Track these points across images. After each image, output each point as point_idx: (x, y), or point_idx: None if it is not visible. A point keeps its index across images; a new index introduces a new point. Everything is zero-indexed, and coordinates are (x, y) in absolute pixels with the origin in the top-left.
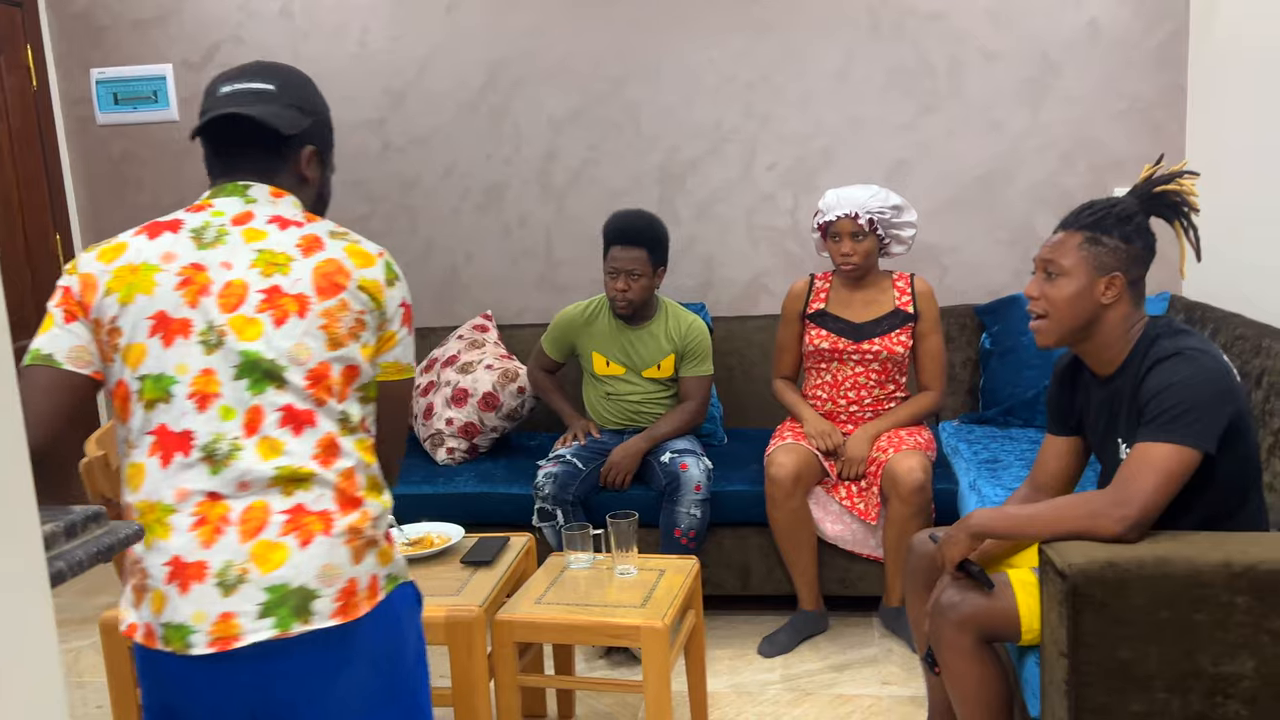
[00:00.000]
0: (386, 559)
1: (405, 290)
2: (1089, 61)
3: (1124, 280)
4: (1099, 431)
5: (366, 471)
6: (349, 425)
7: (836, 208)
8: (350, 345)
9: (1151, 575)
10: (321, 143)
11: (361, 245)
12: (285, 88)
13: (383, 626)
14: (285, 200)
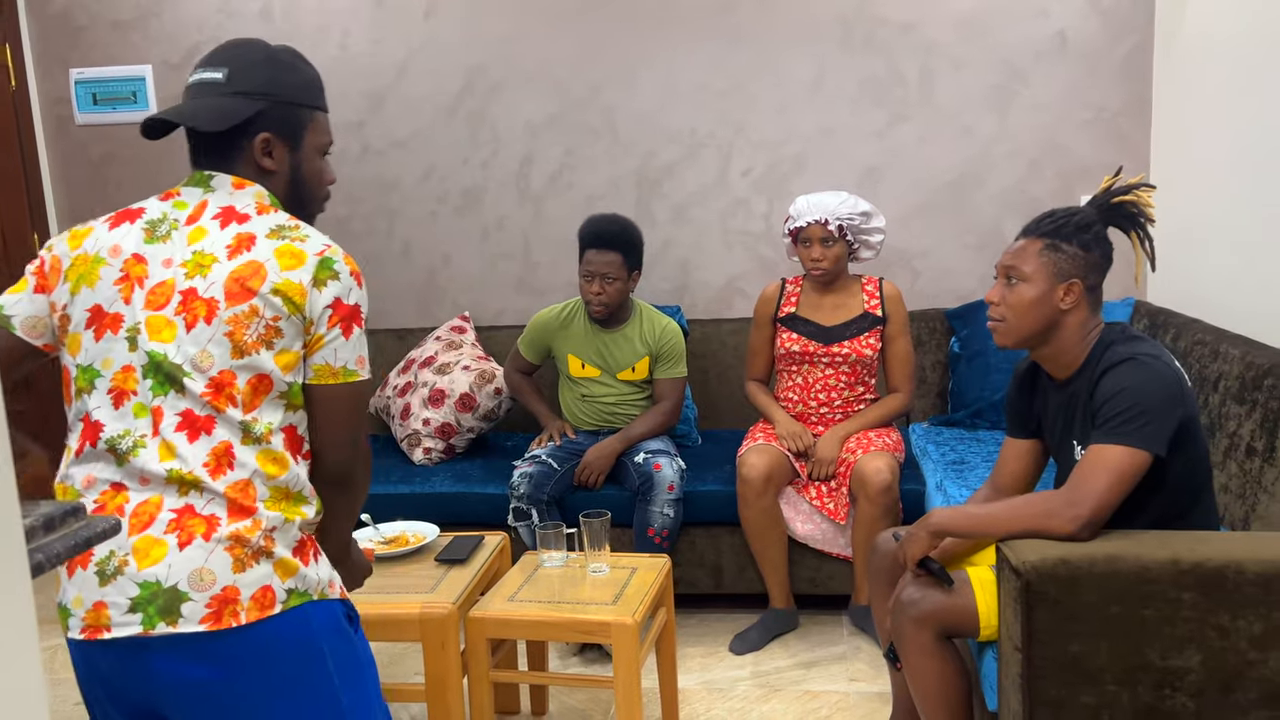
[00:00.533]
0: (288, 572)
1: (344, 289)
2: (1056, 71)
3: (1082, 287)
4: (1056, 434)
5: (270, 483)
6: (252, 435)
7: (807, 214)
8: (259, 354)
9: (1102, 572)
10: (280, 127)
11: (298, 245)
12: (235, 74)
13: (278, 642)
14: (247, 191)
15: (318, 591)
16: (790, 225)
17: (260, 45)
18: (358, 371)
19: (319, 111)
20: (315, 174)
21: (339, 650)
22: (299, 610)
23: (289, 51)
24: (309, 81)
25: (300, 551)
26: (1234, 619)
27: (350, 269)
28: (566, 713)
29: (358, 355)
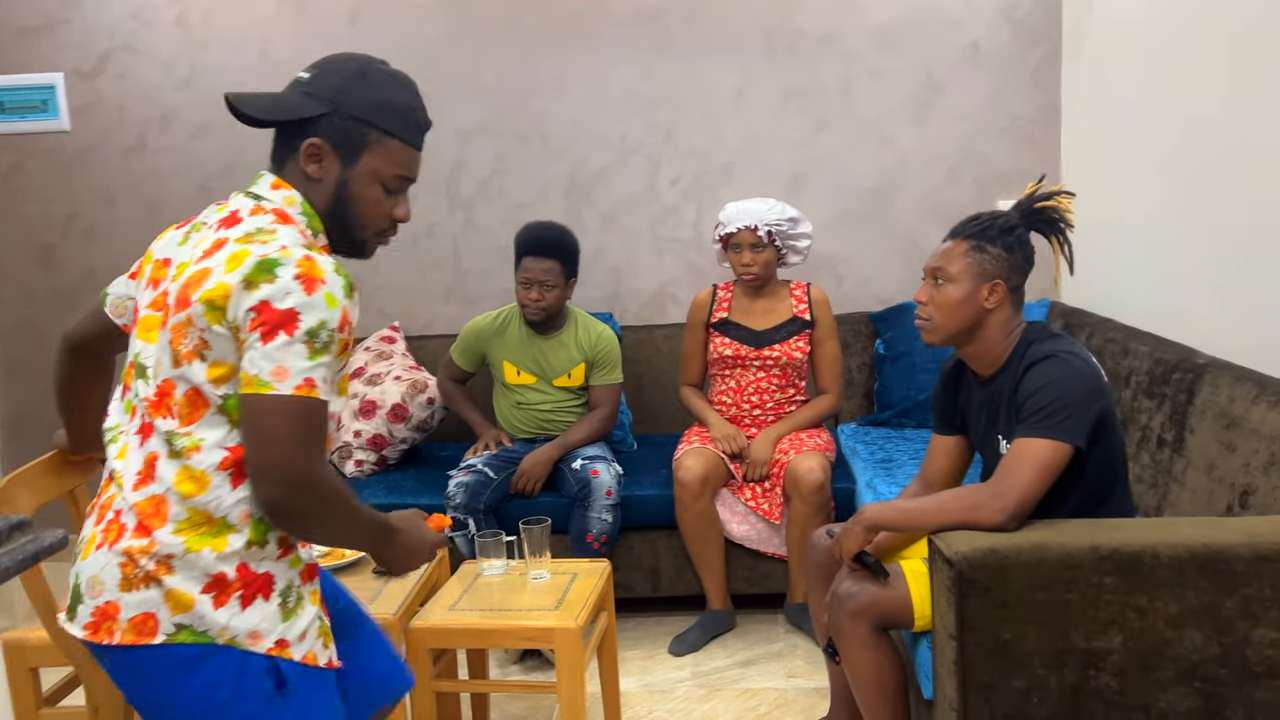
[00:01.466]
0: (180, 607)
1: (277, 291)
2: (972, 81)
3: (1005, 287)
4: (980, 429)
5: (186, 503)
6: (175, 450)
7: (737, 220)
8: (191, 365)
9: (1029, 560)
10: (336, 136)
11: (254, 247)
12: (317, 77)
13: (155, 676)
14: (279, 194)
15: (224, 638)
16: (721, 231)
17: (360, 59)
18: (271, 383)
19: (391, 138)
20: (368, 199)
21: (247, 712)
22: (187, 650)
23: (389, 74)
24: (391, 104)
25: (214, 588)
26: (1151, 601)
27: (299, 273)
28: None
29: (275, 365)
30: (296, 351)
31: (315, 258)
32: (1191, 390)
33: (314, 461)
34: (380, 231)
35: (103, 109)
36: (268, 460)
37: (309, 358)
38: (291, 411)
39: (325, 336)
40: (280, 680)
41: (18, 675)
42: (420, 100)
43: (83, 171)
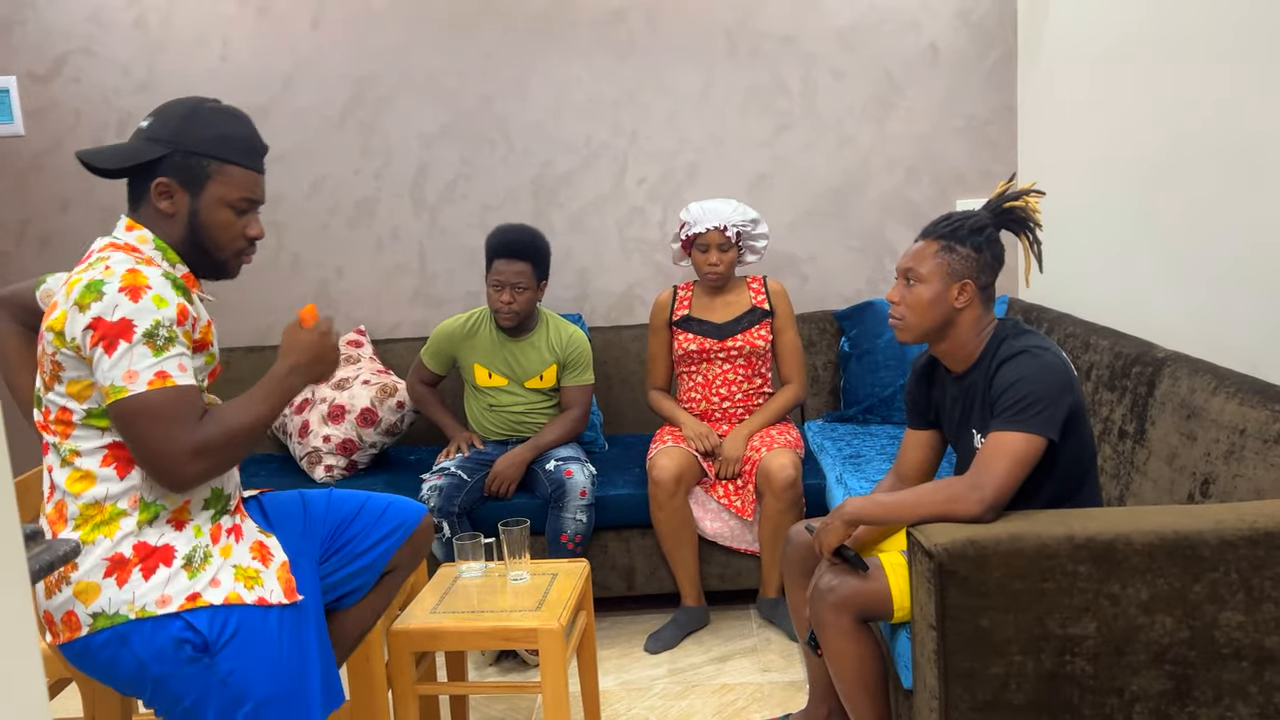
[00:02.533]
0: (91, 596)
1: (107, 307)
2: (930, 82)
3: (974, 286)
4: (954, 424)
5: (78, 501)
6: (62, 458)
7: (704, 220)
8: (55, 389)
9: (1007, 550)
10: (180, 174)
11: (83, 274)
12: (154, 123)
13: (95, 662)
14: (132, 234)
15: (134, 611)
16: (688, 231)
17: (192, 101)
18: (126, 388)
19: (231, 165)
20: (219, 224)
21: (184, 679)
22: (107, 634)
23: (220, 110)
24: (223, 135)
25: (115, 569)
26: (1124, 587)
27: (123, 285)
28: None
29: (126, 370)
30: (140, 353)
31: (139, 268)
32: (1152, 383)
33: (186, 438)
34: (238, 251)
35: (58, 113)
36: (151, 456)
37: (155, 355)
38: (152, 404)
39: (165, 333)
40: (202, 644)
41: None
42: (253, 128)
43: (37, 177)
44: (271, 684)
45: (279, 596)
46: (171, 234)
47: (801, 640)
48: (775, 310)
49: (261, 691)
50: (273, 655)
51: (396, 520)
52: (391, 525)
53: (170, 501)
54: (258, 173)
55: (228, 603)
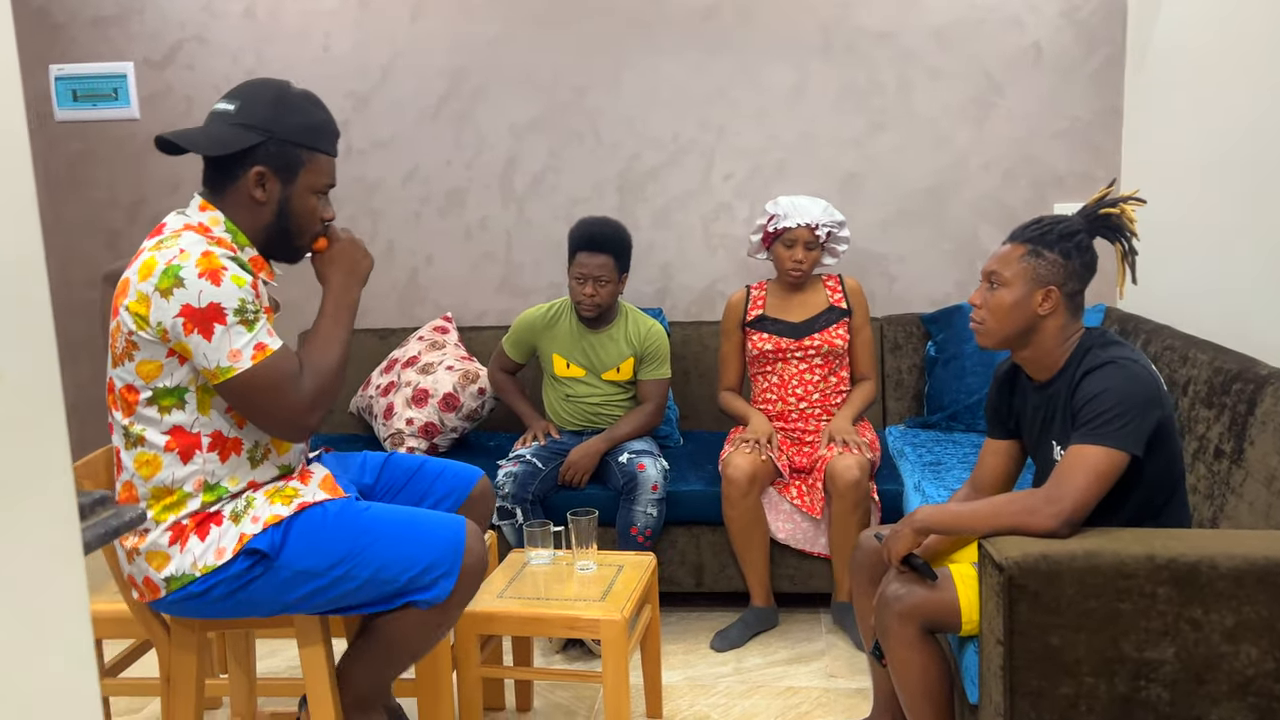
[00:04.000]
0: (163, 563)
1: (193, 294)
2: (1031, 82)
3: (1059, 293)
4: (1034, 434)
5: (147, 484)
6: (130, 439)
7: (795, 215)
8: (125, 365)
9: (1081, 567)
10: (275, 162)
11: (158, 254)
12: (243, 108)
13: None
14: (206, 214)
15: (198, 569)
16: (776, 225)
17: (275, 86)
18: (234, 367)
19: (319, 154)
20: (306, 211)
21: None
22: (185, 591)
23: (303, 96)
24: (314, 125)
25: (177, 536)
26: (1207, 613)
27: (201, 270)
28: (551, 709)
29: (229, 350)
30: (237, 332)
31: (211, 250)
32: (1253, 401)
33: (298, 395)
34: (315, 235)
35: (171, 98)
36: (273, 422)
37: (249, 330)
38: (260, 376)
39: (252, 307)
40: (260, 557)
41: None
42: (329, 112)
43: (150, 159)
44: (337, 555)
45: (321, 496)
46: (255, 219)
47: (867, 648)
48: (853, 308)
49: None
50: (331, 535)
51: (451, 483)
52: (447, 488)
53: (233, 484)
54: (335, 157)
55: (269, 524)
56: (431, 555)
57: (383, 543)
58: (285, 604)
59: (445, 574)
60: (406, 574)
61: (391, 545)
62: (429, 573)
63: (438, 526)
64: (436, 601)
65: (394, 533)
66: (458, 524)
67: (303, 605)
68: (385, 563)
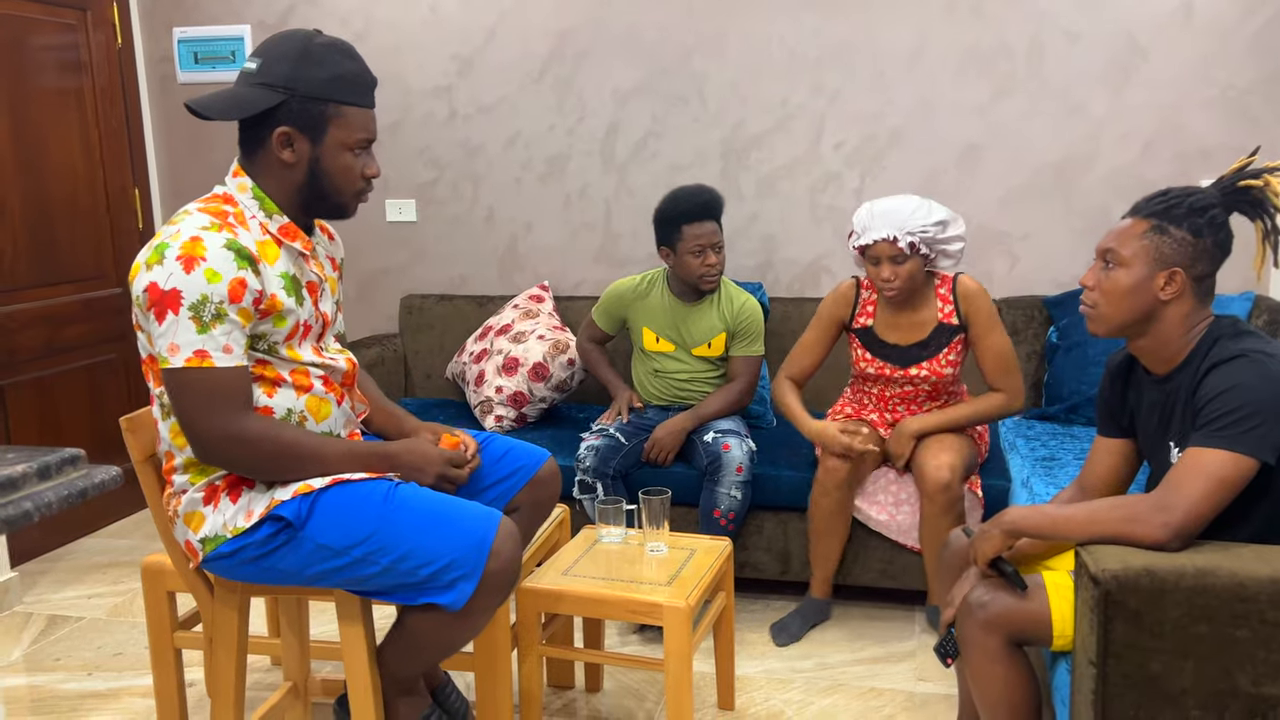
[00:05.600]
0: (198, 524)
1: (164, 274)
2: (1179, 45)
3: (1185, 276)
4: (1150, 433)
5: (181, 454)
6: (165, 409)
7: (872, 229)
8: (140, 335)
9: (1191, 587)
10: (298, 121)
11: (164, 229)
12: (264, 66)
13: (221, 572)
14: (234, 181)
15: (230, 530)
16: (855, 242)
17: (299, 39)
18: (168, 359)
19: (349, 106)
20: (341, 169)
21: (287, 554)
22: (218, 552)
23: (330, 46)
24: (340, 76)
25: (210, 496)
26: None
27: (180, 254)
28: (621, 690)
29: (170, 342)
30: (184, 327)
31: (202, 236)
32: None
33: (221, 422)
34: (358, 192)
35: None
36: (183, 425)
37: (198, 330)
38: (185, 383)
39: (212, 309)
40: (285, 524)
41: (155, 598)
42: (362, 61)
43: None
44: (359, 535)
45: (359, 474)
46: (288, 182)
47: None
48: (968, 319)
49: (347, 542)
50: (356, 514)
51: (517, 463)
52: (512, 467)
53: None
54: (371, 109)
55: (300, 493)
56: (454, 553)
57: (406, 531)
58: (307, 577)
59: (465, 576)
60: (426, 568)
61: (415, 535)
62: (449, 571)
63: (467, 522)
64: (455, 607)
65: (420, 523)
66: (489, 522)
67: (324, 581)
68: (406, 552)
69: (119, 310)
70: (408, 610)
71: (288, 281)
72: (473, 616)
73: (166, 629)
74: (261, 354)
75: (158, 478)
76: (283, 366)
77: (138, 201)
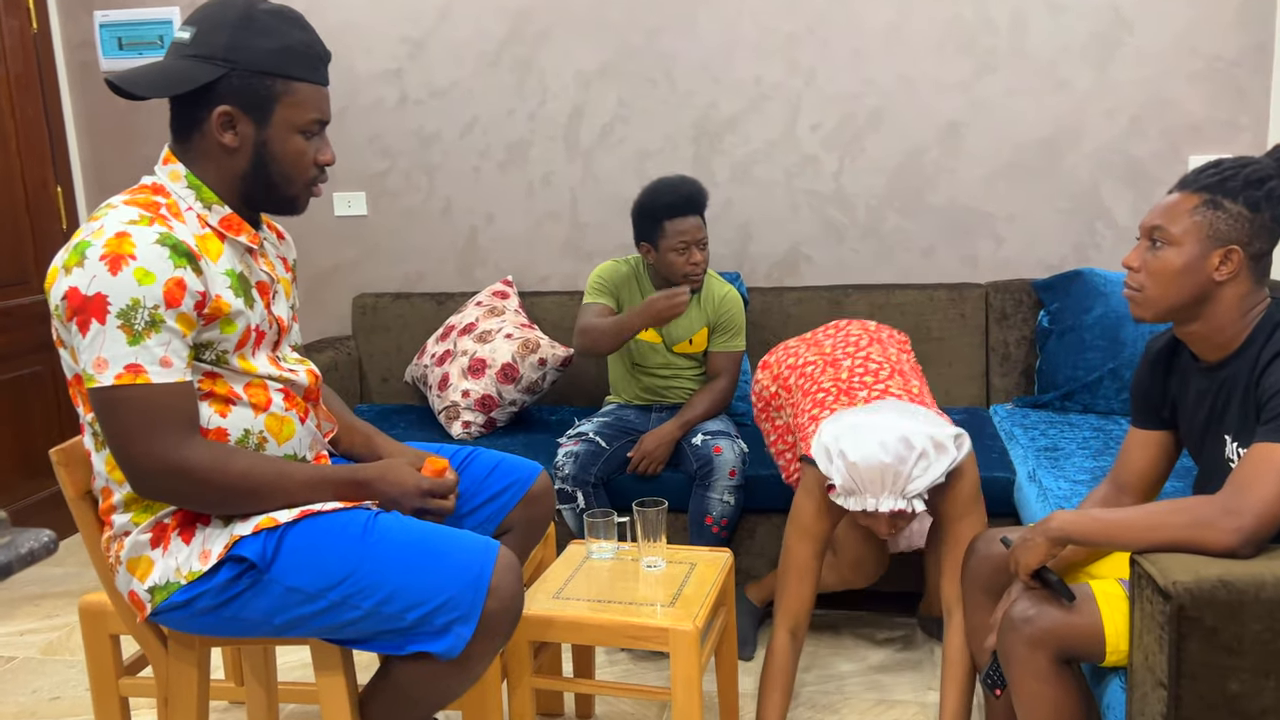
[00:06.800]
0: (145, 573)
1: (84, 277)
2: (1165, 16)
3: (1243, 255)
4: (1197, 426)
5: (121, 489)
6: (99, 439)
7: (868, 494)
8: (63, 352)
9: (1272, 598)
10: (240, 99)
11: (85, 226)
12: (200, 35)
13: (180, 627)
14: (165, 169)
15: (185, 576)
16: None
17: (239, 4)
18: (94, 377)
19: (298, 83)
20: (292, 154)
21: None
22: (171, 602)
23: (275, 13)
24: (288, 48)
25: (159, 538)
26: None
27: (104, 253)
28: (614, 715)
29: (95, 357)
30: (112, 339)
31: (129, 232)
32: None
33: (160, 449)
34: (310, 181)
35: None
36: (116, 454)
37: (129, 342)
38: (116, 403)
39: (146, 316)
40: (248, 566)
41: (97, 643)
42: (314, 31)
43: None
44: (337, 575)
45: (331, 504)
46: (229, 169)
47: (979, 673)
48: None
49: (322, 584)
50: (331, 550)
51: (507, 479)
52: (502, 484)
53: None
54: (325, 86)
55: (262, 528)
56: (447, 592)
57: (390, 568)
58: (276, 626)
59: (461, 619)
60: (415, 611)
61: (400, 572)
62: (441, 614)
63: (461, 555)
64: (450, 655)
65: (405, 558)
66: (485, 554)
67: (296, 630)
68: (391, 594)
69: (43, 317)
70: (395, 659)
71: (234, 280)
72: (470, 664)
73: (111, 677)
74: (209, 365)
75: (95, 517)
76: (235, 380)
77: (60, 200)
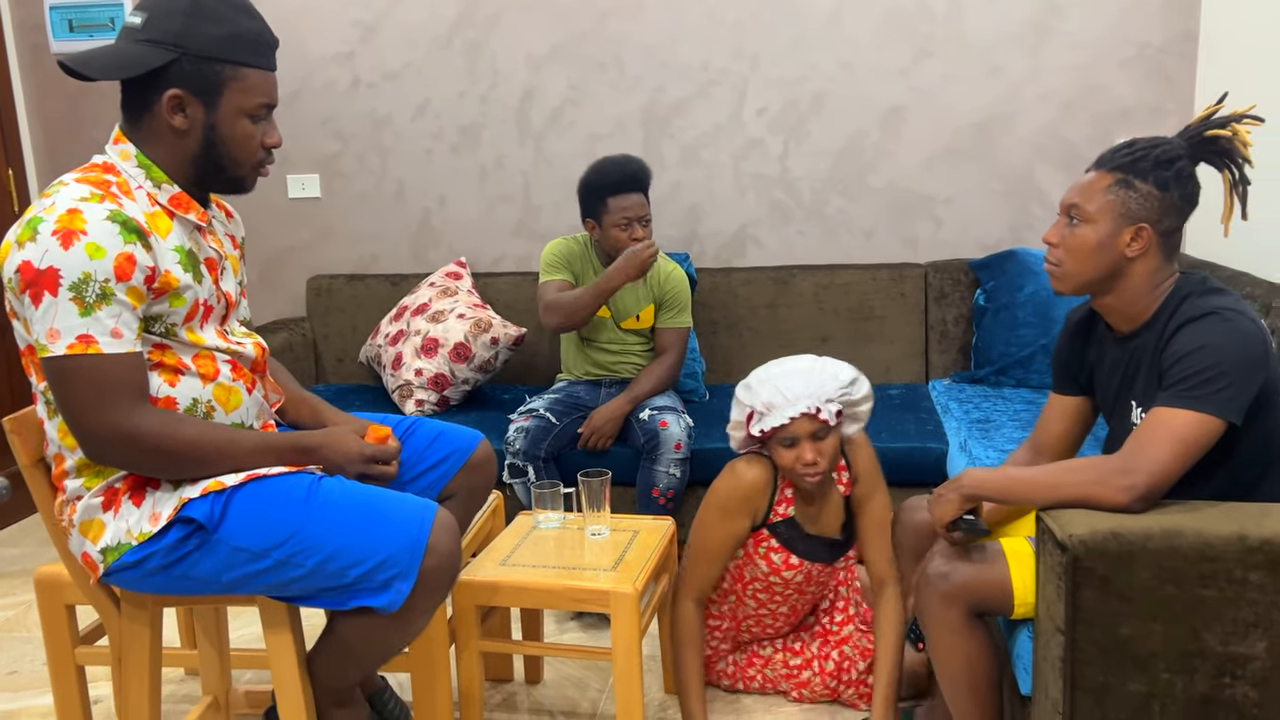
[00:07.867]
0: (98, 535)
1: (37, 252)
2: (1096, 4)
3: (1152, 232)
4: (1110, 392)
5: (73, 455)
6: (51, 406)
7: (785, 405)
8: (15, 324)
9: (1158, 548)
10: (190, 83)
11: (37, 202)
12: (151, 20)
13: (135, 588)
14: (115, 148)
15: (136, 537)
16: (765, 424)
17: None
18: (48, 347)
19: (246, 68)
20: (240, 137)
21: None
22: (122, 562)
23: (225, 1)
24: (237, 34)
25: (110, 501)
26: None
27: (56, 228)
28: (563, 680)
29: (48, 327)
30: (65, 310)
31: (80, 208)
32: None
33: (111, 417)
34: (257, 163)
35: None
36: (69, 421)
37: (81, 313)
38: (68, 373)
39: (97, 289)
40: (196, 527)
41: (52, 613)
42: (262, 19)
43: None
44: (280, 536)
45: (276, 469)
46: (179, 151)
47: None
48: (858, 477)
49: (267, 543)
50: (276, 512)
51: (448, 448)
52: (444, 453)
53: None
54: (273, 71)
55: (210, 491)
56: (386, 550)
57: (333, 528)
58: (225, 584)
59: (400, 575)
60: (356, 568)
61: (342, 532)
62: (381, 570)
63: (400, 515)
64: (391, 609)
65: (347, 519)
66: (424, 515)
67: (244, 587)
68: (333, 552)
69: None
70: (339, 615)
71: (183, 256)
72: (410, 618)
73: (67, 646)
74: (158, 337)
75: (48, 484)
76: (184, 352)
77: (12, 183)
